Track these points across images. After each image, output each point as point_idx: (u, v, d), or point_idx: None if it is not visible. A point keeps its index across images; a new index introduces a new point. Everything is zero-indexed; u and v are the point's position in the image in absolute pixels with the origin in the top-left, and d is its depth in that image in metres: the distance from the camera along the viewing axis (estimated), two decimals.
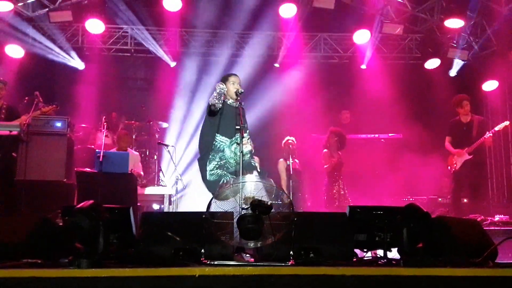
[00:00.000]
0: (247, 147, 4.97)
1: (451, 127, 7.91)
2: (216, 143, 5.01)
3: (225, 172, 4.95)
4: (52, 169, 7.25)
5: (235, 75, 5.21)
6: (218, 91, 4.86)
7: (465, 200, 7.83)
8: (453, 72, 10.25)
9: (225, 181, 4.77)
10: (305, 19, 10.01)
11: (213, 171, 4.91)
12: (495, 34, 9.54)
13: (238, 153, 4.54)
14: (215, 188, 4.71)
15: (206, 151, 5.02)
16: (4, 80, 7.20)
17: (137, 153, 8.55)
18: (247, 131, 5.10)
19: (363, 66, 10.56)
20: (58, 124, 7.50)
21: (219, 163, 4.95)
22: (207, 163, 4.95)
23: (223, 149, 5.01)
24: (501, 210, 7.90)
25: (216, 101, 4.88)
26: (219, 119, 5.06)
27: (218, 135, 5.02)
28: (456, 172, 7.65)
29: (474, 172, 7.64)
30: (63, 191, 7.21)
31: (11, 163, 6.73)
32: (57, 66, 10.13)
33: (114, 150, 8.09)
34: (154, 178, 8.58)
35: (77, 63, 10.24)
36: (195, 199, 5.12)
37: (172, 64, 10.48)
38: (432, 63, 10.14)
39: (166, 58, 10.44)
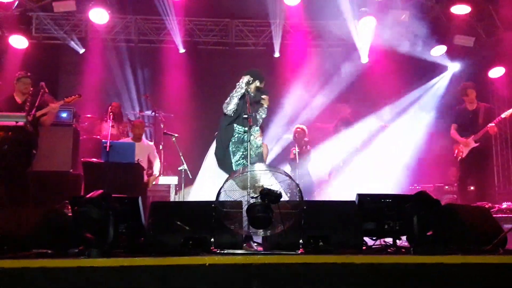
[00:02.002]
0: (260, 140, 5.00)
1: (457, 115, 7.81)
2: (236, 134, 4.99)
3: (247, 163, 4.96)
4: (58, 159, 7.25)
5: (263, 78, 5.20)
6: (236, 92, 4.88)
7: (472, 188, 7.79)
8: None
9: None
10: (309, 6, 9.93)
11: (239, 161, 4.93)
12: (501, 20, 9.44)
13: (252, 142, 4.57)
14: None
15: (226, 141, 5.00)
16: (28, 73, 6.72)
17: (152, 143, 8.53)
18: (257, 121, 5.08)
19: (365, 59, 10.45)
20: (64, 115, 7.50)
21: (244, 153, 4.94)
22: (231, 154, 4.94)
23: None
24: (508, 198, 7.88)
25: (230, 108, 4.89)
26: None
27: (235, 125, 5.00)
28: (463, 160, 7.58)
29: (480, 159, 7.56)
30: (69, 181, 7.21)
31: (20, 155, 6.25)
32: (62, 56, 10.11)
33: (128, 139, 8.11)
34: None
35: (81, 52, 10.21)
36: (201, 188, 5.10)
37: (181, 50, 10.44)
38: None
39: (178, 42, 10.38)
